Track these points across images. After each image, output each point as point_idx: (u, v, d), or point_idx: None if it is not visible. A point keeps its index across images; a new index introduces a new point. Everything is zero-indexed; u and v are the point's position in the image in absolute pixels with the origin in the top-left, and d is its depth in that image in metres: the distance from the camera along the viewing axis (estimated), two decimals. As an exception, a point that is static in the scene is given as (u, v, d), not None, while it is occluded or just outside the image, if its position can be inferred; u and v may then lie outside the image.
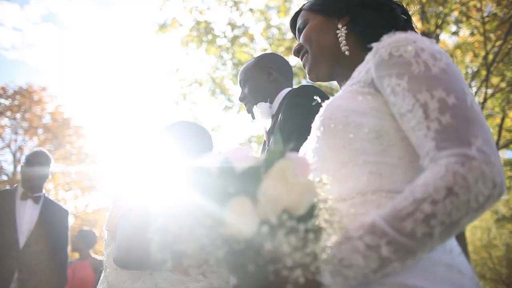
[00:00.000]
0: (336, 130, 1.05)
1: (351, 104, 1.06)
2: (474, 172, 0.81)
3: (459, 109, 0.89)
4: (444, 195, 0.81)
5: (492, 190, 0.82)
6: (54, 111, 17.28)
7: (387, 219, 0.84)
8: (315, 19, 1.37)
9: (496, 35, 8.98)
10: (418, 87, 0.93)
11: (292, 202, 0.79)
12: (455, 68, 0.98)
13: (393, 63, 0.99)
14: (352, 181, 1.02)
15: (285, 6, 9.70)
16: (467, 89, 0.95)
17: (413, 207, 0.82)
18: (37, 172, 3.87)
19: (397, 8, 1.30)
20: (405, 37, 1.02)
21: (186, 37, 9.33)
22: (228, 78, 9.87)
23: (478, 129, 0.87)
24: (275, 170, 0.82)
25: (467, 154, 0.83)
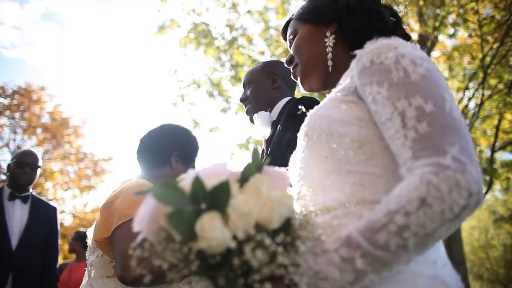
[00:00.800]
0: (319, 140, 1.05)
1: (335, 114, 1.05)
2: (448, 181, 0.79)
3: (437, 116, 0.87)
4: (417, 206, 0.79)
5: (467, 200, 0.80)
6: (53, 110, 17.28)
7: (361, 232, 0.83)
8: (303, 29, 1.36)
9: (494, 37, 8.98)
10: (396, 95, 0.92)
11: (264, 216, 0.81)
12: (436, 74, 0.96)
13: (374, 70, 0.98)
14: (336, 192, 1.01)
15: (283, 7, 9.72)
16: (448, 94, 0.93)
17: (387, 219, 0.81)
18: (26, 172, 3.80)
19: (385, 11, 1.29)
20: (387, 43, 1.01)
21: (184, 39, 9.36)
22: (226, 80, 9.90)
23: (455, 136, 0.85)
24: (249, 185, 0.85)
25: (441, 163, 0.81)
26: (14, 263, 3.56)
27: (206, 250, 0.77)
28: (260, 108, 2.26)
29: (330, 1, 1.33)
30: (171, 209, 0.79)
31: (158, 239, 0.83)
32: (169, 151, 2.09)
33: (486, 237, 24.10)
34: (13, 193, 3.76)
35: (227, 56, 9.36)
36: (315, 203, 1.03)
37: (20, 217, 3.71)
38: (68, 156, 17.33)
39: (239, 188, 0.85)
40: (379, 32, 1.23)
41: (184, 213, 0.79)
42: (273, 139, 2.08)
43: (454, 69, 11.11)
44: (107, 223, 1.79)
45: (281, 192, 0.84)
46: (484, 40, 9.09)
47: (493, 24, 8.96)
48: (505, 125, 10.99)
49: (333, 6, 1.32)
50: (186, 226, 0.79)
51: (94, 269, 1.85)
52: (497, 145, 9.89)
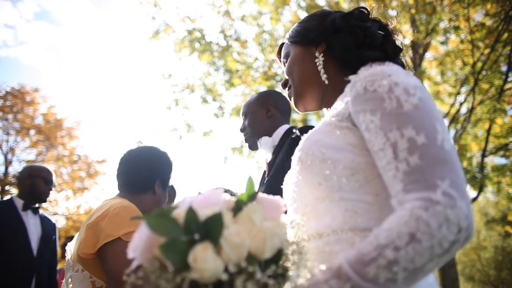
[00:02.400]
0: (313, 166, 1.05)
1: (329, 139, 1.05)
2: (437, 217, 0.79)
3: (428, 149, 0.87)
4: (407, 242, 0.79)
5: (457, 235, 0.80)
6: (47, 112, 17.20)
7: (351, 264, 0.83)
8: (295, 51, 1.38)
9: (485, 43, 9.09)
10: (389, 125, 0.92)
11: (256, 247, 0.83)
12: (429, 103, 0.95)
13: (367, 98, 0.98)
14: (329, 218, 1.01)
15: (277, 12, 9.77)
16: (440, 125, 0.92)
17: (376, 253, 0.81)
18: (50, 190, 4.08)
19: (372, 26, 1.28)
20: (380, 70, 1.01)
21: (178, 44, 9.39)
22: (220, 84, 9.92)
23: (446, 170, 0.85)
24: (242, 214, 0.87)
25: (432, 198, 0.81)
26: (36, 268, 3.80)
27: (199, 280, 0.80)
28: (257, 136, 2.42)
29: (317, 22, 1.35)
30: (165, 239, 0.82)
31: (152, 268, 0.85)
32: (154, 178, 2.18)
33: (478, 239, 24.25)
34: (26, 204, 3.94)
35: (222, 61, 9.39)
36: (308, 228, 1.04)
37: (35, 226, 3.92)
38: (62, 158, 17.26)
39: (233, 218, 0.87)
40: (368, 47, 1.24)
41: (177, 244, 0.81)
42: (276, 162, 2.20)
43: (446, 73, 11.22)
44: (91, 240, 1.82)
45: (273, 223, 0.86)
46: (475, 46, 9.20)
47: (484, 31, 9.07)
48: (496, 129, 11.11)
49: (320, 26, 1.33)
50: (179, 257, 0.81)
51: (73, 283, 1.89)
52: (489, 149, 10.00)
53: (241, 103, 9.81)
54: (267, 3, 9.79)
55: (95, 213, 1.92)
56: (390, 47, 1.27)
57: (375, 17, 1.34)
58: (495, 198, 23.34)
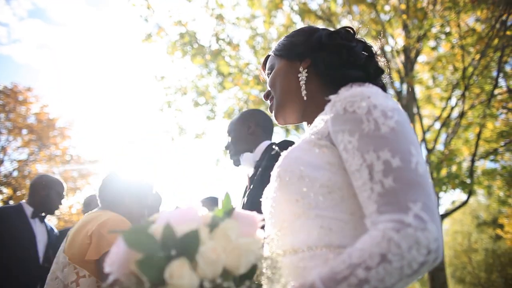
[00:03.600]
0: (290, 183, 1.06)
1: (307, 157, 1.07)
2: (408, 239, 0.82)
3: (403, 172, 0.89)
4: (378, 262, 0.82)
5: (426, 257, 0.82)
6: (39, 111, 17.11)
7: (324, 281, 0.85)
8: (279, 64, 1.39)
9: (476, 49, 9.17)
10: (366, 147, 0.94)
11: (232, 263, 0.85)
12: (405, 126, 0.98)
13: (346, 119, 1.00)
14: (304, 234, 1.03)
15: (270, 16, 9.80)
16: (415, 148, 0.95)
17: (349, 272, 0.83)
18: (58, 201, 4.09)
19: (356, 46, 1.30)
20: (360, 92, 1.03)
21: (171, 47, 9.40)
22: (212, 86, 9.94)
23: (419, 193, 0.87)
24: (218, 230, 0.89)
25: (403, 220, 0.84)
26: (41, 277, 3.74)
27: (176, 295, 0.82)
28: (240, 152, 2.54)
29: (303, 38, 1.37)
30: (142, 255, 0.83)
31: (128, 283, 0.86)
32: None
33: (469, 241, 24.44)
34: (35, 212, 3.97)
35: (214, 63, 9.41)
36: (284, 243, 1.07)
37: (42, 234, 3.94)
38: (54, 157, 17.18)
39: (209, 234, 0.88)
40: (351, 66, 1.26)
41: (154, 260, 0.83)
42: (256, 176, 2.28)
43: (437, 78, 11.32)
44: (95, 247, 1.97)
45: (249, 239, 0.89)
46: (466, 52, 9.29)
47: (475, 36, 9.15)
48: (487, 134, 11.22)
49: (306, 42, 1.35)
50: (155, 272, 0.83)
51: None
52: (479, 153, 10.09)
53: (234, 106, 9.85)
54: (260, 6, 9.83)
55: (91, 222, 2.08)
56: (372, 68, 1.30)
57: (361, 38, 1.36)
58: (486, 201, 23.54)
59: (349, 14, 10.42)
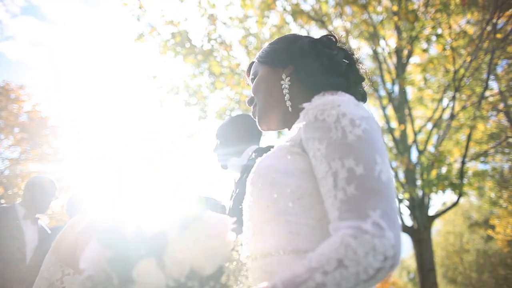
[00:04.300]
0: (263, 188, 1.10)
1: (280, 164, 1.10)
2: (365, 246, 0.84)
3: (365, 180, 0.92)
4: (335, 267, 0.84)
5: (382, 263, 0.84)
6: (31, 110, 17.04)
7: (285, 284, 0.87)
8: (262, 71, 1.40)
9: (467, 51, 9.24)
10: (332, 155, 0.97)
11: (198, 264, 0.88)
12: (373, 134, 1.00)
13: (317, 126, 1.03)
14: (274, 239, 1.06)
15: (262, 16, 9.83)
16: (380, 156, 0.97)
17: (307, 275, 0.85)
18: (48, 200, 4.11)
19: (337, 54, 1.32)
20: (331, 100, 1.05)
21: (163, 47, 9.40)
22: (205, 86, 9.94)
23: (379, 201, 0.90)
24: (188, 232, 0.91)
25: (361, 227, 0.86)
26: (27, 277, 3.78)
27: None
28: (228, 156, 2.58)
29: (286, 45, 1.38)
30: (112, 254, 0.87)
31: (99, 279, 0.89)
32: None
33: (461, 242, 24.60)
34: (28, 213, 3.99)
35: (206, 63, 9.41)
36: (256, 248, 1.10)
37: (32, 236, 3.95)
38: (46, 156, 17.10)
39: (179, 235, 0.91)
40: (332, 74, 1.28)
41: (123, 259, 0.86)
42: (241, 180, 2.32)
43: (429, 80, 11.39)
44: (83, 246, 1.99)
45: (217, 241, 0.92)
46: (457, 54, 9.36)
47: (466, 38, 9.22)
48: (478, 135, 11.31)
49: (289, 49, 1.37)
50: (124, 271, 0.86)
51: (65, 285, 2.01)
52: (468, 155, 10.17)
53: (226, 106, 9.87)
54: (252, 6, 9.85)
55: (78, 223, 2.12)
56: (352, 76, 1.33)
57: (342, 46, 1.38)
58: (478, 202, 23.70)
59: (342, 15, 10.47)
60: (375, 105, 11.73)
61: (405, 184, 10.00)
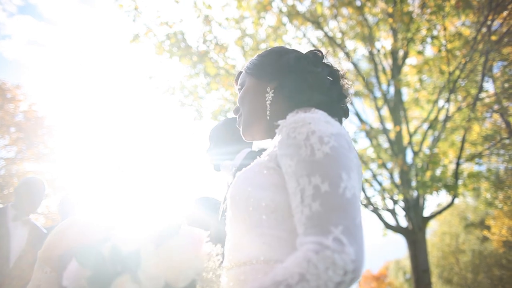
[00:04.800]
0: (240, 202, 1.14)
1: (256, 178, 1.14)
2: (325, 261, 0.87)
3: (329, 197, 0.95)
4: (297, 280, 0.87)
5: (342, 277, 0.87)
6: (28, 109, 17.01)
7: None
8: (249, 82, 1.43)
9: (462, 53, 9.27)
10: (301, 171, 1.01)
11: (172, 278, 0.92)
12: (340, 151, 1.03)
13: (289, 144, 1.07)
14: (249, 249, 1.10)
15: (258, 17, 9.84)
16: (346, 173, 0.99)
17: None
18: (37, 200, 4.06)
19: (321, 72, 1.35)
20: (302, 118, 1.09)
21: (158, 48, 9.40)
22: (201, 87, 9.95)
23: (342, 217, 0.92)
24: (163, 248, 0.96)
25: (323, 243, 0.89)
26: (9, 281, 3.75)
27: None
28: (221, 159, 2.58)
29: (273, 59, 1.41)
30: (89, 272, 0.91)
31: None
32: None
33: (457, 242, 24.68)
34: (17, 215, 3.96)
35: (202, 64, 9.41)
36: (233, 258, 1.14)
37: (20, 239, 3.91)
38: (42, 156, 17.08)
39: (155, 250, 0.95)
40: (315, 91, 1.32)
41: (100, 276, 0.90)
42: None
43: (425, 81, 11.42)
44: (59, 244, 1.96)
45: (190, 255, 0.96)
46: (452, 55, 9.39)
47: (462, 40, 9.26)
48: (474, 136, 11.35)
49: (276, 64, 1.39)
50: (102, 287, 0.90)
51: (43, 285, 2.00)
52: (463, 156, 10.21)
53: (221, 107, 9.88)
54: (248, 7, 9.86)
55: None
56: (335, 93, 1.36)
57: (328, 62, 1.41)
58: (474, 203, 23.78)
59: (337, 16, 10.50)
60: (370, 106, 11.77)
61: (400, 185, 10.04)
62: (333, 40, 10.43)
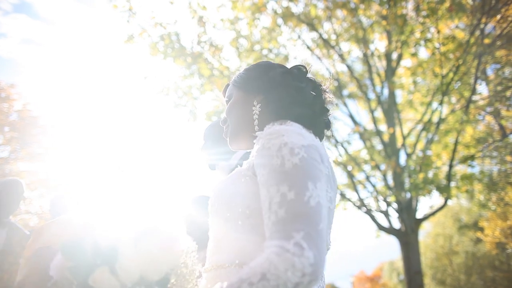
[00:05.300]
0: (219, 208, 1.24)
1: (235, 185, 1.24)
2: (285, 263, 0.94)
3: (294, 204, 1.03)
4: (259, 279, 0.95)
5: (301, 279, 0.95)
6: (22, 109, 16.97)
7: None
8: (236, 95, 1.51)
9: (455, 56, 9.35)
10: (271, 180, 1.09)
11: (147, 271, 1.01)
12: (310, 162, 1.11)
13: (263, 154, 1.15)
14: (226, 253, 1.20)
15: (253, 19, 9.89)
16: (312, 183, 1.07)
17: (237, 285, 0.97)
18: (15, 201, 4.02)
19: (305, 87, 1.44)
20: (277, 130, 1.18)
21: (153, 49, 9.44)
22: (195, 88, 9.99)
23: (304, 224, 1.00)
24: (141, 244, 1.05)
25: (284, 246, 0.97)
26: None
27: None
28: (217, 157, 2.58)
29: (259, 73, 1.49)
30: (72, 263, 1.00)
31: (62, 285, 1.03)
32: None
33: (451, 244, 24.81)
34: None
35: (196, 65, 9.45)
36: (212, 260, 1.23)
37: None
38: (36, 156, 17.05)
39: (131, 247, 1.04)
40: (299, 105, 1.40)
41: (81, 267, 0.99)
42: None
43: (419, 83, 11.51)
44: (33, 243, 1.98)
45: (165, 252, 1.05)
46: (446, 58, 9.47)
47: (455, 43, 9.34)
48: (467, 139, 11.44)
49: (262, 78, 1.47)
50: (82, 277, 0.98)
51: None
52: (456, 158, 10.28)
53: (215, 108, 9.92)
54: (243, 9, 9.91)
55: None
56: (318, 107, 1.44)
57: (311, 77, 1.50)
58: (468, 205, 23.92)
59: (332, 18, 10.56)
60: (364, 108, 11.85)
61: (393, 187, 10.11)
62: (327, 42, 10.51)
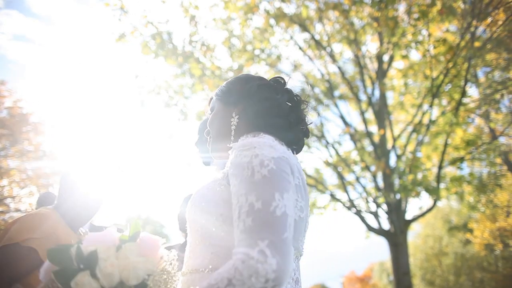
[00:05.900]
0: (195, 215, 1.31)
1: (210, 194, 1.31)
2: (249, 269, 1.00)
3: (261, 214, 1.08)
4: (225, 284, 1.01)
5: (264, 284, 1.00)
6: (12, 106, 16.85)
7: None
8: (218, 107, 1.59)
9: (446, 58, 9.43)
10: (241, 190, 1.15)
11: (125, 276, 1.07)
12: (278, 174, 1.17)
13: (236, 164, 1.21)
14: (200, 258, 1.26)
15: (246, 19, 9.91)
16: (279, 194, 1.13)
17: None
18: None
19: (280, 98, 1.51)
20: (250, 142, 1.24)
21: (144, 48, 9.43)
22: (187, 87, 10.00)
23: (269, 232, 1.06)
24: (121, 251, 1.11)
25: (249, 254, 1.02)
26: None
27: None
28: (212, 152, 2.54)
29: (239, 86, 1.56)
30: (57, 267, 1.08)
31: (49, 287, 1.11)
32: None
33: (440, 245, 25.03)
34: None
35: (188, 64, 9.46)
36: (189, 265, 1.30)
37: None
38: (26, 153, 16.93)
39: (115, 252, 1.10)
40: (275, 115, 1.47)
41: (65, 272, 1.06)
42: None
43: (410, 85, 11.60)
44: None
45: (143, 258, 1.12)
46: (437, 60, 9.55)
47: (447, 46, 9.42)
48: (457, 141, 11.54)
49: (241, 90, 1.54)
50: (66, 281, 1.05)
51: None
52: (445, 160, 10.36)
53: (206, 108, 9.92)
54: (235, 9, 9.94)
55: None
56: (293, 117, 1.51)
57: (288, 88, 1.58)
58: (458, 206, 24.12)
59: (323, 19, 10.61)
60: (355, 109, 11.91)
61: (382, 188, 10.18)
62: (319, 43, 10.57)
